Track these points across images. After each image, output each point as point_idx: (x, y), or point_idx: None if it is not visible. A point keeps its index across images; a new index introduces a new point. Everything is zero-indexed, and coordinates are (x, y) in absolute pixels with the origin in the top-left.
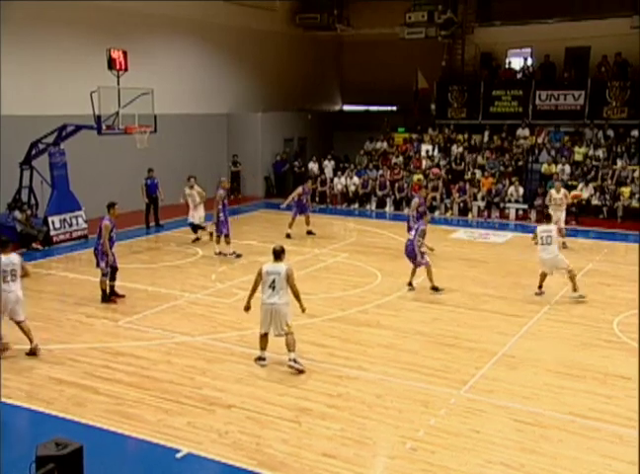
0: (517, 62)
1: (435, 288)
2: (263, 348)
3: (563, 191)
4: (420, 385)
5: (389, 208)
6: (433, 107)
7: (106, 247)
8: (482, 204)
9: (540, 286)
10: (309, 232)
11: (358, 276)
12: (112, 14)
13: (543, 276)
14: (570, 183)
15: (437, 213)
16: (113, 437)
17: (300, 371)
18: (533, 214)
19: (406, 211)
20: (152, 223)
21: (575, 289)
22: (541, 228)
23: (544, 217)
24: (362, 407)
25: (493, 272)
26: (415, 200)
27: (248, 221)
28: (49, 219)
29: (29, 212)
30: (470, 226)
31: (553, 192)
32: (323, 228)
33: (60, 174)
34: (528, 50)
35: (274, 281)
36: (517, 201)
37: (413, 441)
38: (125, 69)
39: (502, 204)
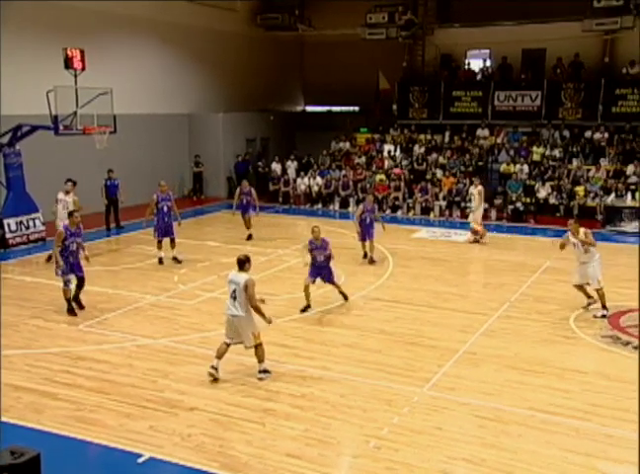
0: (476, 64)
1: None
2: (219, 356)
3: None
4: (383, 384)
5: (352, 208)
6: (394, 107)
7: (55, 254)
8: (444, 204)
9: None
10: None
11: None
12: (70, 12)
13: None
14: (528, 182)
15: (399, 213)
16: (72, 444)
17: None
18: (493, 213)
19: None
20: (112, 225)
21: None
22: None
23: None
24: (327, 407)
25: (455, 270)
26: (359, 207)
27: (210, 222)
28: (5, 222)
29: None
30: (432, 225)
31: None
32: (287, 229)
33: (16, 175)
34: (487, 52)
35: (234, 292)
36: None
37: (377, 440)
38: (83, 68)
39: (463, 204)
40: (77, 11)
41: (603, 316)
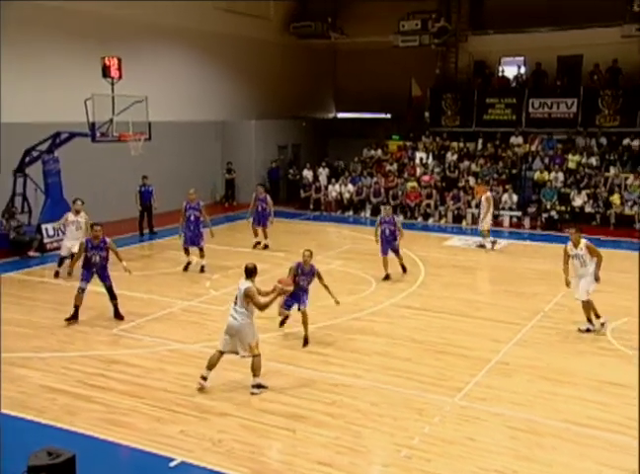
0: (510, 70)
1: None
2: (210, 367)
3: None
4: (414, 393)
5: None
6: (426, 114)
7: (74, 263)
8: (476, 212)
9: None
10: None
11: (352, 283)
12: (107, 22)
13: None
14: (563, 190)
15: (430, 221)
16: (105, 446)
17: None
18: (527, 222)
19: (400, 218)
20: (146, 230)
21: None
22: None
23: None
24: (357, 415)
25: (487, 279)
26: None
27: (242, 228)
28: (43, 227)
29: (20, 220)
30: (464, 234)
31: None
32: (317, 235)
33: (54, 181)
34: (521, 59)
35: (236, 298)
36: (510, 209)
37: (408, 449)
38: (120, 77)
39: (495, 212)
40: (114, 20)
41: (588, 330)
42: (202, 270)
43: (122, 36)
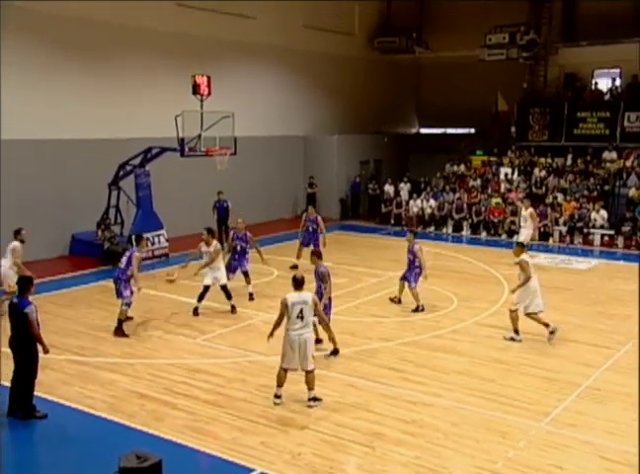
0: (603, 83)
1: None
2: (280, 384)
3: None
4: (497, 415)
5: (466, 232)
6: (513, 129)
7: (136, 276)
8: (564, 229)
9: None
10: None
11: (433, 299)
12: (198, 42)
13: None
14: None
15: (515, 238)
16: (189, 453)
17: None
18: (621, 241)
19: (483, 235)
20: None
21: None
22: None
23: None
24: (438, 434)
25: (576, 299)
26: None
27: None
28: (134, 238)
29: (114, 231)
30: (551, 251)
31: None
32: (397, 251)
33: (145, 194)
34: (617, 70)
35: (301, 311)
36: (602, 227)
37: None
38: (209, 94)
39: (585, 230)
40: (204, 40)
41: (512, 339)
42: (252, 297)
43: (212, 54)
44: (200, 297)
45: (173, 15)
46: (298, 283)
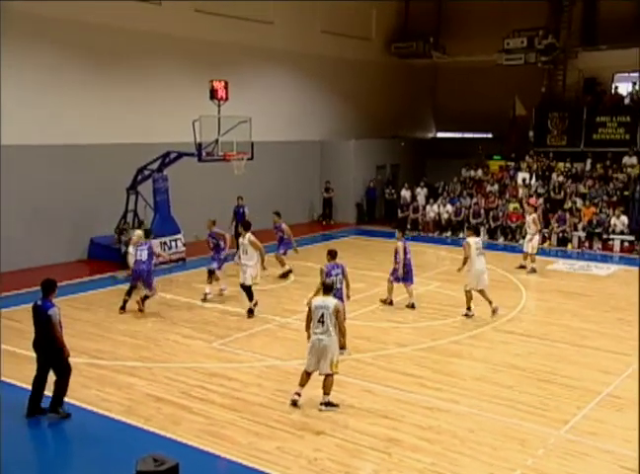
0: (624, 87)
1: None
2: (301, 384)
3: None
4: (515, 422)
5: (483, 237)
6: (531, 134)
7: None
8: (583, 235)
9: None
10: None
11: (450, 305)
12: (216, 47)
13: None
14: None
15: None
16: (206, 457)
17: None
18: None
19: (500, 240)
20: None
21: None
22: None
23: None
24: (454, 441)
25: (595, 306)
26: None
27: (339, 247)
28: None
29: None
30: (570, 257)
31: None
32: (414, 256)
33: (163, 198)
34: (637, 75)
35: (322, 316)
36: (622, 233)
37: None
38: (226, 99)
39: (604, 235)
40: (222, 45)
41: (466, 315)
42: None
43: (229, 59)
44: (249, 297)
45: (191, 20)
46: (326, 289)
